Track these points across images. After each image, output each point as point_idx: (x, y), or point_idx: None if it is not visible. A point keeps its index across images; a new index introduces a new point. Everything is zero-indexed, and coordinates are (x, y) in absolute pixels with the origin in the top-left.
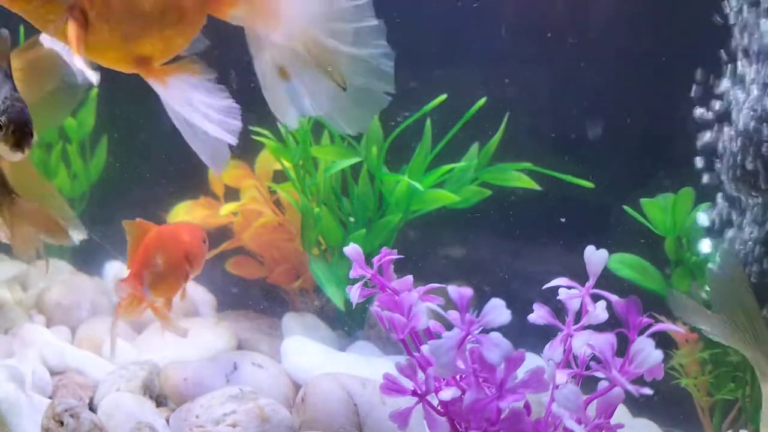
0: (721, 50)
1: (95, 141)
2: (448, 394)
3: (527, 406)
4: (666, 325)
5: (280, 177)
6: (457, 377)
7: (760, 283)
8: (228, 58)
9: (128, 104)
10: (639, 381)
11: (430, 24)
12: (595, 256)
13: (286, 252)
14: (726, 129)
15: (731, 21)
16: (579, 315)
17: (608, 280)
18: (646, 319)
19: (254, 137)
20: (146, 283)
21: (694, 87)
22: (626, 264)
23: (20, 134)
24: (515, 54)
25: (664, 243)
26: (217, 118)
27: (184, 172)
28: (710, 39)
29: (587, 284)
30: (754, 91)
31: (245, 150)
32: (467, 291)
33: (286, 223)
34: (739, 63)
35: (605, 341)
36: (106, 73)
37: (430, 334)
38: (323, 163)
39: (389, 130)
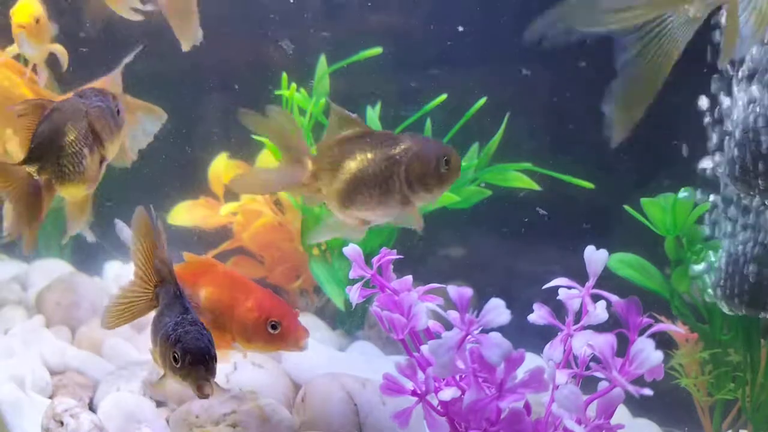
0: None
1: None
2: (448, 394)
3: (527, 406)
4: (666, 326)
5: None
6: (457, 377)
7: (757, 282)
8: (230, 61)
9: None
10: (639, 381)
11: (430, 24)
12: (595, 256)
13: (286, 252)
14: (726, 129)
15: None
16: (579, 315)
17: (607, 280)
18: (646, 320)
19: (254, 137)
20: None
21: (694, 87)
22: (626, 263)
23: (201, 366)
24: (515, 54)
25: (664, 243)
26: None
27: (184, 172)
28: (711, 37)
29: (587, 284)
30: (755, 92)
31: (245, 150)
32: (467, 291)
33: (286, 223)
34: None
35: (605, 342)
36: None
37: (429, 334)
38: None
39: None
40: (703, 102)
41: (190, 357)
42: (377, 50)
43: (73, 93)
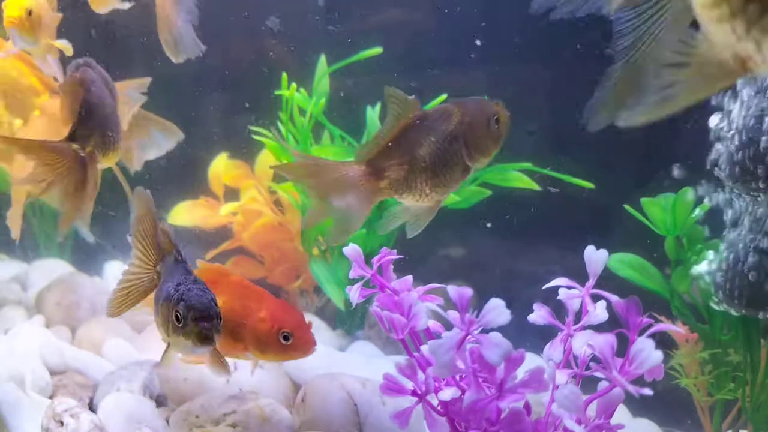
0: None
1: None
2: (448, 394)
3: (527, 406)
4: (666, 326)
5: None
6: (457, 377)
7: (757, 282)
8: (230, 62)
9: None
10: (639, 381)
11: (430, 24)
12: (595, 256)
13: (286, 252)
14: (726, 129)
15: None
16: (579, 315)
17: (607, 280)
18: (646, 320)
19: (254, 137)
20: None
21: None
22: (626, 264)
23: (205, 322)
24: (516, 53)
25: (664, 243)
26: None
27: (184, 172)
28: None
29: (587, 284)
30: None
31: (245, 150)
32: (467, 291)
33: (286, 223)
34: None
35: (605, 342)
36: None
37: (429, 334)
38: None
39: None
40: (705, 102)
41: (194, 312)
42: (377, 50)
43: (75, 66)
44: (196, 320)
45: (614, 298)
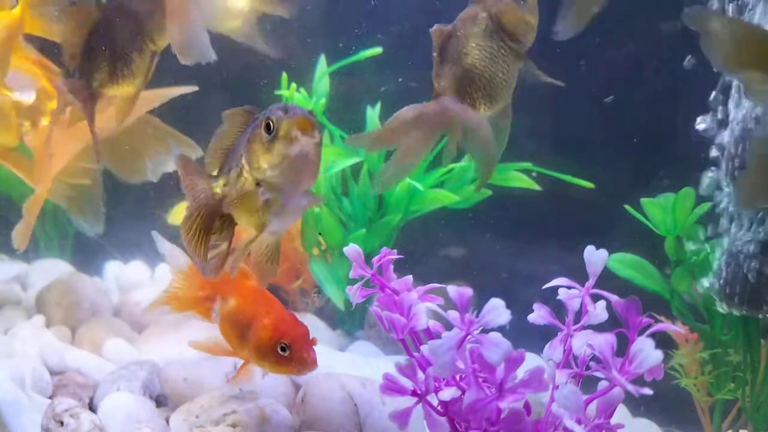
0: None
1: None
2: (448, 394)
3: (527, 406)
4: (666, 325)
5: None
6: (457, 377)
7: (757, 281)
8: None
9: None
10: (639, 381)
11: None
12: (595, 256)
13: (286, 252)
14: (726, 129)
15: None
16: (579, 315)
17: (607, 280)
18: (645, 319)
19: None
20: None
21: (694, 88)
22: (626, 264)
23: (305, 115)
24: None
25: (664, 243)
26: None
27: None
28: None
29: (587, 284)
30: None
31: None
32: (467, 291)
33: None
34: None
35: (605, 341)
36: None
37: (429, 334)
38: (323, 163)
39: None
40: (706, 102)
41: (286, 106)
42: (377, 50)
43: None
44: (293, 111)
45: (614, 298)
